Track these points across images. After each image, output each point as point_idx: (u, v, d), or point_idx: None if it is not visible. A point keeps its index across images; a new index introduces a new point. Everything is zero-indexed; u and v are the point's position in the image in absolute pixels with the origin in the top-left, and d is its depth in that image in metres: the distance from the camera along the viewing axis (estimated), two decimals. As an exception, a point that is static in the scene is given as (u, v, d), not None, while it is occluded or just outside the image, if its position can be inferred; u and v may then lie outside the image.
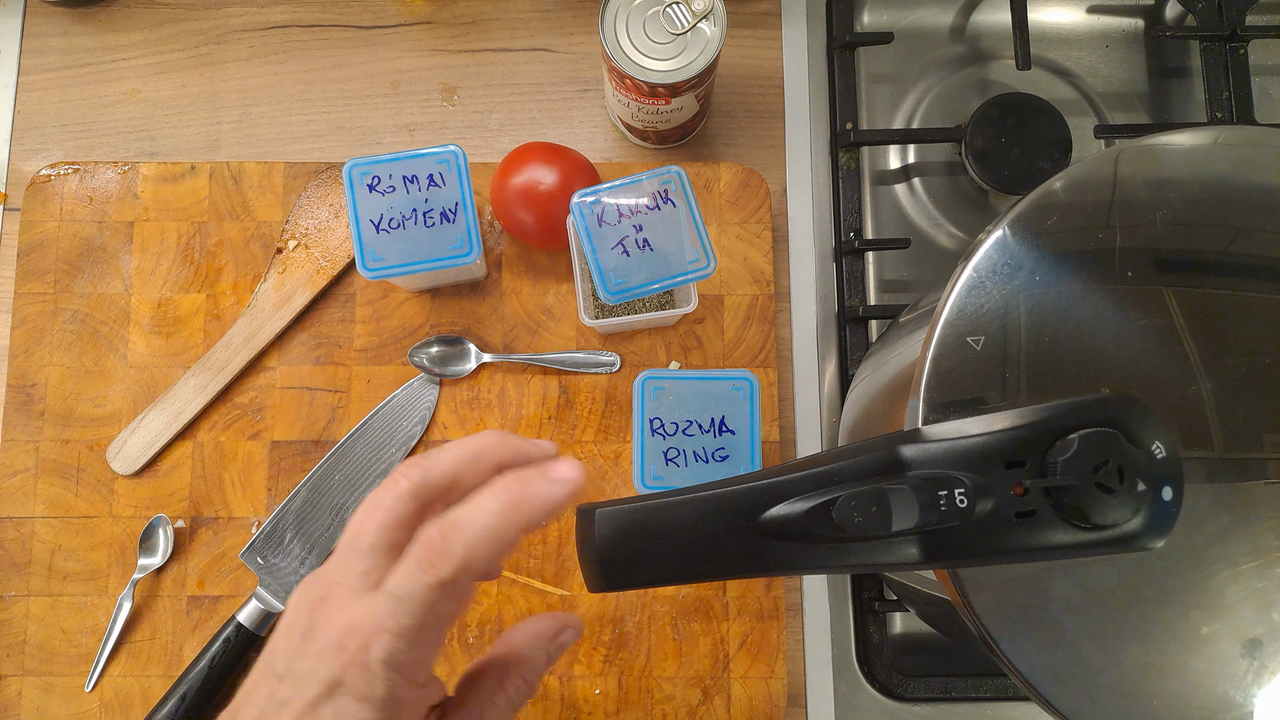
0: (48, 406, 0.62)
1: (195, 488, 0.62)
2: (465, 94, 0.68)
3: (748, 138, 0.68)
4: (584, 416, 0.62)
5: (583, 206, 0.55)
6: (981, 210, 0.68)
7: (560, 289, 0.64)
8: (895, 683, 0.60)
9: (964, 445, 0.31)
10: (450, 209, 0.56)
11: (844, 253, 0.65)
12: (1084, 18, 0.71)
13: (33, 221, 0.64)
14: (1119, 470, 0.30)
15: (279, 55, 0.68)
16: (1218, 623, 0.34)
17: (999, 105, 0.64)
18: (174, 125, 0.67)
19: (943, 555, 0.31)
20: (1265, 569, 0.34)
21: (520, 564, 0.61)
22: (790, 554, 0.33)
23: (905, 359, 0.45)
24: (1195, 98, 0.70)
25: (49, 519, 0.61)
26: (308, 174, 0.65)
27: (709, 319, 0.64)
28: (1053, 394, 0.35)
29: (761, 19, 0.69)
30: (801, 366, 0.65)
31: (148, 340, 0.63)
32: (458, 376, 0.62)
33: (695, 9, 0.55)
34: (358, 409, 0.62)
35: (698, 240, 0.55)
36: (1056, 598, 0.34)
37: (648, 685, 0.59)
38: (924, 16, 0.71)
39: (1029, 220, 0.38)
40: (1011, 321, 0.36)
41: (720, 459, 0.56)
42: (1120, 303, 0.36)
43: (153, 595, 0.60)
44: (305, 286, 0.63)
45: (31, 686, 0.59)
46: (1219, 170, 0.38)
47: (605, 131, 0.68)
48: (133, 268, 0.64)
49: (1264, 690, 0.34)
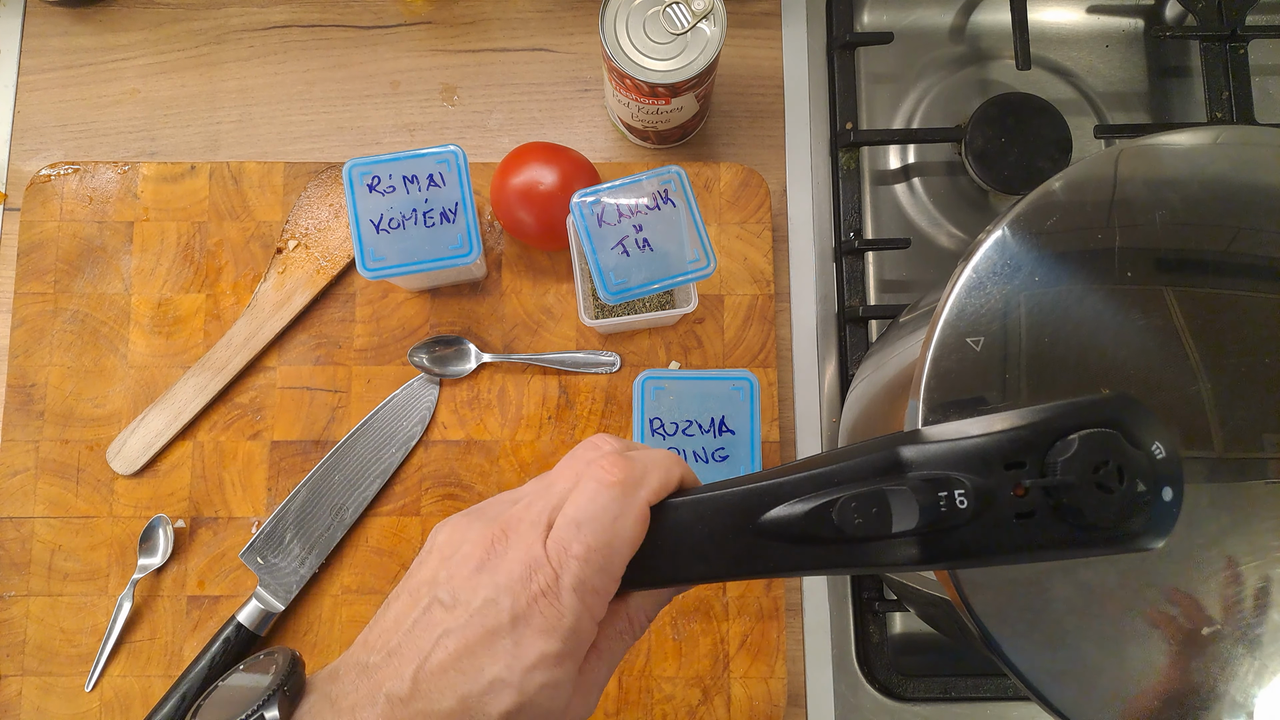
0: (48, 406, 0.62)
1: (195, 488, 0.62)
2: (465, 94, 0.68)
3: (748, 138, 0.68)
4: (584, 416, 0.62)
5: (583, 206, 0.55)
6: (981, 210, 0.68)
7: (560, 289, 0.64)
8: (895, 683, 0.60)
9: (964, 446, 0.31)
10: (450, 209, 0.56)
11: (844, 253, 0.65)
12: (1084, 18, 0.71)
13: (33, 221, 0.64)
14: (1119, 471, 0.30)
15: (279, 55, 0.68)
16: (1218, 623, 0.34)
17: (999, 105, 0.64)
18: (174, 125, 0.67)
19: (943, 556, 0.31)
20: (1265, 569, 0.34)
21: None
22: (790, 555, 0.33)
23: (905, 359, 0.45)
24: (1195, 98, 0.70)
25: (49, 519, 0.61)
26: (308, 174, 0.65)
27: (709, 319, 0.64)
28: (1053, 394, 0.35)
29: (761, 19, 0.69)
30: (801, 366, 0.65)
31: (148, 340, 0.63)
32: (458, 376, 0.62)
33: (695, 9, 0.55)
34: (358, 409, 0.62)
35: (698, 240, 0.55)
36: (1056, 598, 0.34)
37: (647, 685, 0.59)
38: (924, 16, 0.71)
39: (1029, 220, 0.38)
40: (1011, 322, 0.36)
41: (720, 459, 0.56)
42: (1120, 303, 0.36)
43: (153, 595, 0.60)
44: (305, 286, 0.63)
45: (31, 686, 0.59)
46: (1219, 170, 0.38)
47: (605, 131, 0.68)
48: (133, 268, 0.64)
49: (1264, 690, 0.34)
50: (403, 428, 0.62)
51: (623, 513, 0.33)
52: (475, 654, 0.31)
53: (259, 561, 0.59)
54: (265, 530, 0.60)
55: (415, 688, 0.31)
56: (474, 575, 0.33)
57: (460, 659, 0.32)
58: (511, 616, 0.32)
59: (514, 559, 0.33)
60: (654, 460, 0.35)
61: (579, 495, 0.34)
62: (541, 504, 0.34)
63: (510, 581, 0.32)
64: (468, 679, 0.31)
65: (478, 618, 0.32)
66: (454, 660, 0.32)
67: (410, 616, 0.33)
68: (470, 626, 0.32)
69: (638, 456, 0.35)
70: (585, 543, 0.32)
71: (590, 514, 0.33)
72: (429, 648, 0.32)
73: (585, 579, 0.32)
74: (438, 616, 0.32)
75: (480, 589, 0.32)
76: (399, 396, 0.62)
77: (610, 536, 0.33)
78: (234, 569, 0.61)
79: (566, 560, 0.32)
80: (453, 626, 0.32)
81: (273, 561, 0.59)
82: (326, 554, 0.60)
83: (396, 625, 0.33)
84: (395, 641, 0.33)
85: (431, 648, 0.32)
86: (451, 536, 0.35)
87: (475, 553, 0.33)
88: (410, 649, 0.32)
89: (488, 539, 0.34)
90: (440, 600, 0.33)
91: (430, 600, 0.33)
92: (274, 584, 0.59)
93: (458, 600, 0.32)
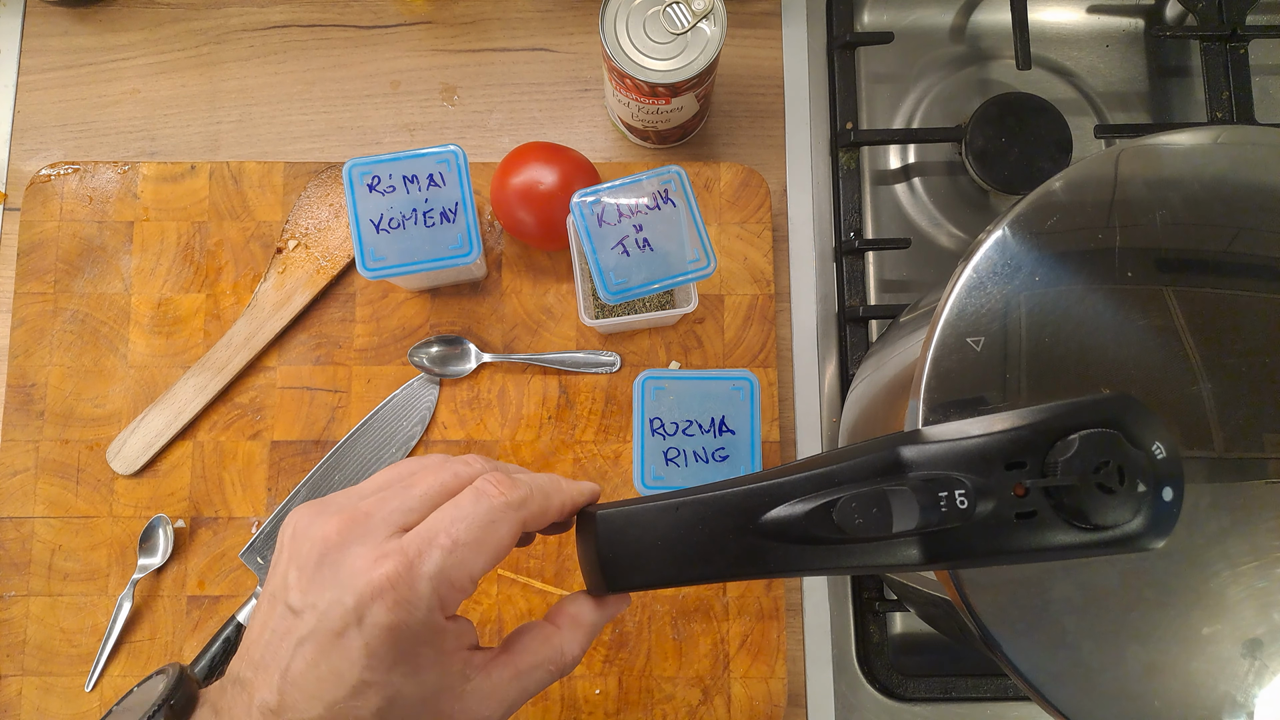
0: (48, 406, 0.62)
1: (195, 488, 0.62)
2: (465, 94, 0.68)
3: (748, 138, 0.68)
4: (584, 416, 0.62)
5: (583, 206, 0.55)
6: (981, 210, 0.68)
7: (560, 289, 0.64)
8: (895, 683, 0.60)
9: (964, 446, 0.31)
10: (450, 209, 0.56)
11: (844, 252, 0.65)
12: (1084, 17, 0.71)
13: (33, 221, 0.64)
14: (1119, 471, 0.30)
15: (279, 55, 0.68)
16: (1218, 623, 0.34)
17: (999, 105, 0.64)
18: (174, 125, 0.67)
19: (943, 556, 0.31)
20: (1265, 569, 0.34)
21: (520, 564, 0.61)
22: (791, 555, 0.33)
23: (905, 359, 0.45)
24: (1195, 97, 0.70)
25: (49, 519, 0.61)
26: (308, 174, 0.65)
27: (709, 319, 0.64)
28: (1053, 394, 0.35)
29: (761, 19, 0.69)
30: (801, 366, 0.65)
31: (148, 340, 0.63)
32: (458, 376, 0.62)
33: (695, 9, 0.55)
34: (358, 409, 0.62)
35: (698, 240, 0.55)
36: (1057, 598, 0.34)
37: (648, 685, 0.59)
38: (924, 16, 0.71)
39: (1029, 220, 0.38)
40: (1011, 322, 0.36)
41: (720, 459, 0.56)
42: (1120, 303, 0.36)
43: (153, 595, 0.60)
44: (305, 286, 0.63)
45: (31, 686, 0.59)
46: (1219, 170, 0.38)
47: (605, 131, 0.67)
48: (133, 268, 0.64)
49: (1265, 690, 0.34)
50: (403, 428, 0.62)
51: (500, 521, 0.33)
52: (330, 658, 0.31)
53: (259, 561, 0.59)
54: (265, 530, 0.60)
55: (282, 699, 0.31)
56: (316, 573, 0.32)
57: (317, 665, 0.31)
58: (357, 613, 0.31)
59: (359, 553, 0.31)
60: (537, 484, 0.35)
61: (461, 498, 0.33)
62: (397, 503, 0.33)
63: (353, 576, 0.31)
64: (329, 686, 0.31)
65: (325, 621, 0.31)
66: (311, 667, 0.31)
67: (270, 627, 0.32)
68: (319, 631, 0.31)
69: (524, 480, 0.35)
70: (454, 536, 0.32)
71: (468, 514, 0.33)
72: (287, 658, 0.31)
73: (446, 570, 0.31)
74: (289, 624, 0.32)
75: (324, 589, 0.31)
76: (399, 396, 0.62)
77: (482, 536, 0.32)
78: (234, 569, 0.61)
79: (429, 550, 0.31)
80: (304, 633, 0.31)
81: (273, 561, 0.59)
82: (326, 554, 0.60)
83: (259, 636, 0.33)
84: (259, 654, 0.32)
85: (290, 658, 0.31)
86: (296, 532, 0.34)
87: (316, 549, 0.32)
88: (272, 660, 0.32)
89: (330, 532, 0.32)
90: (290, 606, 0.32)
91: (283, 608, 0.32)
92: (274, 584, 0.59)
93: (305, 604, 0.31)
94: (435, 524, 0.32)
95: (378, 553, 0.31)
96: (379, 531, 0.32)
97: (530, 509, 0.34)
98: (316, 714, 0.31)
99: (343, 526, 0.32)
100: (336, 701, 0.31)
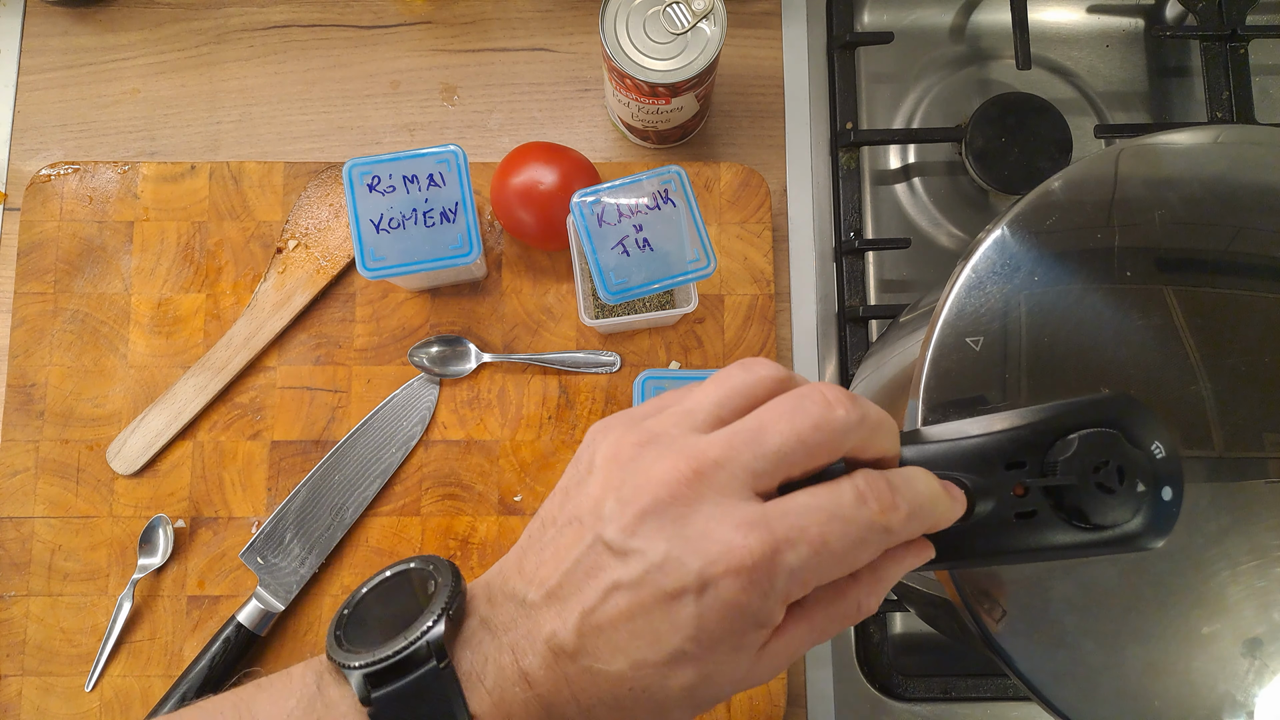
0: (48, 406, 0.62)
1: (195, 488, 0.62)
2: (465, 94, 0.68)
3: (748, 138, 0.68)
4: (584, 416, 0.62)
5: (583, 206, 0.55)
6: (981, 210, 0.68)
7: (560, 289, 0.64)
8: (895, 683, 0.60)
9: (964, 446, 0.31)
10: (450, 209, 0.56)
11: (844, 252, 0.65)
12: (1084, 17, 0.71)
13: (33, 221, 0.64)
14: (1119, 470, 0.30)
15: (279, 55, 0.68)
16: (1218, 622, 0.34)
17: (999, 105, 0.64)
18: (174, 125, 0.67)
19: (943, 556, 0.31)
20: (1265, 568, 0.34)
21: (520, 564, 0.61)
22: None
23: (905, 359, 0.45)
24: (1195, 97, 0.70)
25: (49, 519, 0.61)
26: (308, 174, 0.65)
27: (709, 319, 0.64)
28: (1053, 394, 0.35)
29: (761, 19, 0.69)
30: (801, 366, 0.65)
31: (148, 340, 0.63)
32: (458, 376, 0.62)
33: (695, 9, 0.55)
34: (358, 409, 0.62)
35: (698, 240, 0.55)
36: (1057, 598, 0.34)
37: (648, 685, 0.59)
38: (924, 16, 0.71)
39: (1028, 220, 0.38)
40: (1011, 321, 0.36)
41: (720, 459, 0.56)
42: (1120, 302, 0.36)
43: (153, 595, 0.60)
44: (305, 286, 0.63)
45: (31, 686, 0.59)
46: (1219, 170, 0.38)
47: (605, 131, 0.68)
48: (133, 267, 0.64)
49: (1264, 690, 0.34)
50: (403, 428, 0.62)
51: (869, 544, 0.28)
52: (651, 617, 0.27)
53: (259, 561, 0.59)
54: (265, 530, 0.60)
55: (581, 642, 0.28)
56: (650, 517, 0.27)
57: (633, 619, 0.27)
58: (700, 581, 0.26)
59: (713, 515, 0.27)
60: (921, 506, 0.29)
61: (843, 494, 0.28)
62: (749, 456, 0.28)
63: (704, 539, 0.27)
64: (642, 645, 0.27)
65: (656, 576, 0.27)
66: (625, 620, 0.27)
67: (572, 554, 0.28)
68: (647, 585, 0.27)
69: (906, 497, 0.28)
70: (826, 539, 0.27)
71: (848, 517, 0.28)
72: (595, 599, 0.27)
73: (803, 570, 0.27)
74: (605, 562, 0.27)
75: (658, 538, 0.27)
76: (399, 396, 0.62)
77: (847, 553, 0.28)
78: (234, 569, 0.61)
79: (798, 542, 0.27)
80: (624, 579, 0.27)
81: (273, 561, 0.59)
82: (326, 554, 0.60)
83: (556, 560, 0.29)
84: (555, 580, 0.28)
85: (599, 600, 0.27)
86: (618, 455, 0.29)
87: (651, 490, 0.27)
88: (573, 594, 0.28)
89: (672, 478, 0.27)
90: (608, 542, 0.27)
91: (594, 539, 0.28)
92: (274, 584, 0.59)
93: (631, 547, 0.27)
94: (808, 513, 0.27)
95: (740, 520, 0.27)
96: (732, 491, 0.27)
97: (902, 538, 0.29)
98: (619, 669, 0.27)
99: (691, 478, 0.27)
100: (645, 663, 0.27)
